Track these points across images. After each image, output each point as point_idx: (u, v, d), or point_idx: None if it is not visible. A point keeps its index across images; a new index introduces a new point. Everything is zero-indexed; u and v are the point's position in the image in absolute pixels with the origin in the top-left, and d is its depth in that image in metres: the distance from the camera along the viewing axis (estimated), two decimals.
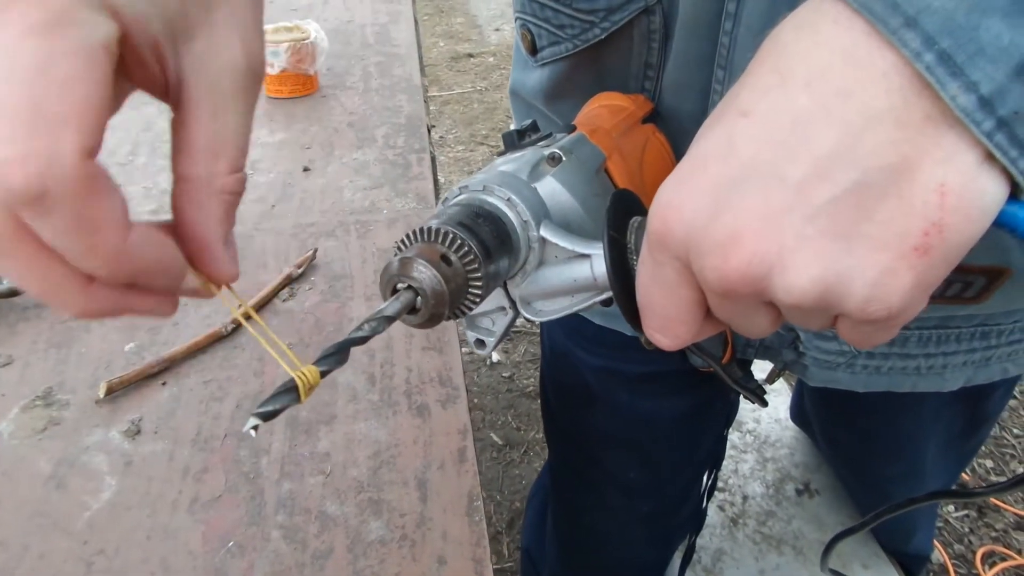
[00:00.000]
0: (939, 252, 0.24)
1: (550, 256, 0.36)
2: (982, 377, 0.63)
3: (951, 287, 0.51)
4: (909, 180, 0.24)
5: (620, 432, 0.84)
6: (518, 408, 1.87)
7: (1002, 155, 0.23)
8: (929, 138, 0.23)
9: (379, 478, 0.60)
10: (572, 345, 0.80)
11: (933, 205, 0.23)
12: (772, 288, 0.26)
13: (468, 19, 4.45)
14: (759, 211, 0.25)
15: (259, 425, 0.26)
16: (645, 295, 0.31)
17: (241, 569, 0.54)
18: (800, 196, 0.25)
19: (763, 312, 0.28)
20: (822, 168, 0.24)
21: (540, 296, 0.38)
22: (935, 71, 0.23)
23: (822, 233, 0.24)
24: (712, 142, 0.27)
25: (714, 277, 0.26)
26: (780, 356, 0.64)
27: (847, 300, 0.25)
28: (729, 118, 0.27)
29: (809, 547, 1.25)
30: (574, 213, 0.38)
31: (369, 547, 0.55)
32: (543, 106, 0.62)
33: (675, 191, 0.28)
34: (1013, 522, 1.57)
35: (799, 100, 0.25)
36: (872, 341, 0.27)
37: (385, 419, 0.65)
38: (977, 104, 0.23)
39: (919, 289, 0.24)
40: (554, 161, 0.39)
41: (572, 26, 0.52)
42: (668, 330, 0.31)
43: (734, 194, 0.26)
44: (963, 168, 0.23)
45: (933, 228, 0.23)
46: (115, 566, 0.54)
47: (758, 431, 1.47)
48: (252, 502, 0.58)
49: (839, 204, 0.24)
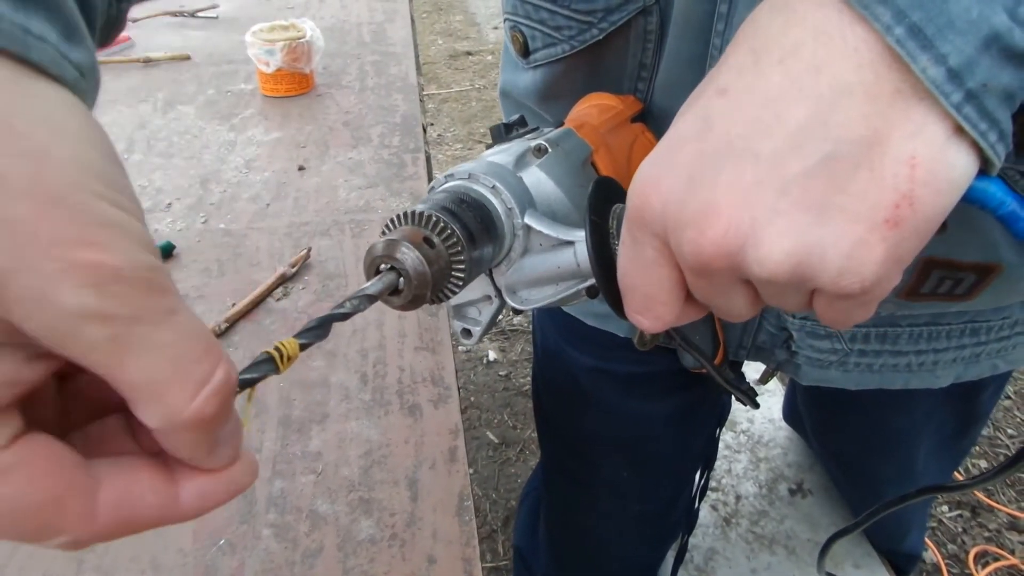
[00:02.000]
0: (910, 224, 0.24)
1: (535, 244, 0.37)
2: (972, 373, 0.64)
3: (942, 284, 0.51)
4: (880, 153, 0.24)
5: (612, 432, 0.85)
6: (514, 407, 1.87)
7: (971, 128, 0.23)
8: (899, 111, 0.24)
9: (370, 477, 0.60)
10: (564, 345, 0.81)
11: (903, 177, 0.24)
12: (746, 262, 0.26)
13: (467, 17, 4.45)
14: (734, 185, 0.25)
15: (236, 393, 0.26)
16: (626, 276, 0.31)
17: (231, 567, 0.54)
18: (773, 170, 0.25)
19: (741, 291, 0.29)
20: (794, 142, 0.25)
21: (525, 284, 0.38)
22: (905, 44, 0.23)
23: (795, 206, 0.25)
24: (690, 121, 0.28)
25: (690, 251, 0.27)
26: (773, 356, 0.65)
27: (820, 273, 0.25)
28: (706, 97, 0.28)
29: (801, 547, 1.26)
30: (559, 203, 0.38)
31: (359, 546, 0.56)
32: (536, 106, 0.62)
33: (653, 168, 0.28)
34: (1006, 522, 1.57)
35: (773, 77, 0.26)
36: (849, 318, 0.28)
37: (377, 418, 0.65)
38: (946, 76, 0.23)
39: (891, 261, 0.25)
40: (540, 152, 0.40)
41: (569, 27, 0.52)
42: (649, 311, 0.31)
43: (710, 170, 0.26)
44: (933, 141, 0.24)
45: (904, 200, 0.24)
46: (105, 563, 0.54)
47: (751, 431, 1.48)
48: (243, 500, 0.58)
49: (811, 177, 0.25)
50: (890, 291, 0.26)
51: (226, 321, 0.73)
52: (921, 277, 0.51)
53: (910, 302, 0.54)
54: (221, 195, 0.94)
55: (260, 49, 1.13)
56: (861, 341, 0.59)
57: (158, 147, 1.04)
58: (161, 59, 1.30)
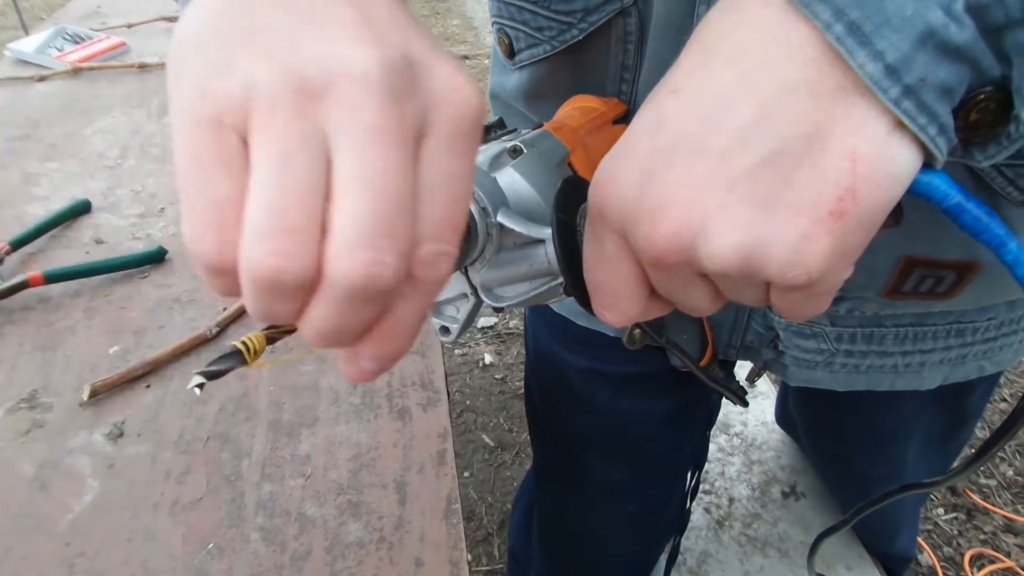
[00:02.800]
0: (854, 217, 0.25)
1: (508, 242, 0.37)
2: (959, 375, 0.64)
3: (924, 282, 0.52)
4: (822, 148, 0.25)
5: (604, 433, 0.85)
6: (510, 410, 1.88)
7: (910, 122, 0.24)
8: (841, 107, 0.24)
9: (359, 480, 0.61)
10: (556, 346, 0.81)
11: (845, 172, 0.24)
12: (698, 256, 0.27)
13: (464, 21, 4.46)
14: (684, 181, 0.26)
15: (204, 384, 0.26)
16: (590, 272, 0.32)
17: (221, 570, 0.55)
18: (722, 165, 0.26)
19: (699, 284, 0.29)
20: (742, 138, 0.25)
21: (500, 282, 0.39)
22: (844, 41, 0.24)
23: (743, 200, 0.25)
24: (644, 119, 0.29)
25: (645, 246, 0.27)
26: (760, 356, 0.65)
27: (768, 266, 0.26)
28: (660, 96, 0.29)
29: (794, 549, 1.26)
30: (534, 203, 0.39)
31: (347, 549, 0.56)
32: (523, 107, 0.62)
33: (611, 166, 0.29)
34: (1002, 525, 1.57)
35: (723, 76, 0.26)
36: (802, 310, 0.28)
37: (366, 422, 0.66)
38: (884, 72, 0.24)
39: (837, 255, 0.25)
40: (515, 153, 0.40)
41: (550, 28, 0.53)
42: (614, 306, 0.32)
43: (662, 166, 0.27)
44: (873, 136, 0.24)
45: (847, 194, 0.24)
46: (96, 567, 0.55)
47: (745, 434, 1.48)
48: (232, 504, 0.59)
49: (758, 172, 0.25)
50: (841, 284, 0.27)
51: (217, 325, 0.73)
52: (902, 276, 0.51)
53: (893, 301, 0.54)
54: None
55: None
56: (847, 342, 0.60)
57: (152, 152, 1.05)
58: (156, 65, 1.31)
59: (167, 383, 0.69)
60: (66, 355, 0.72)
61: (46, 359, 0.71)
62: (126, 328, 0.75)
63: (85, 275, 0.80)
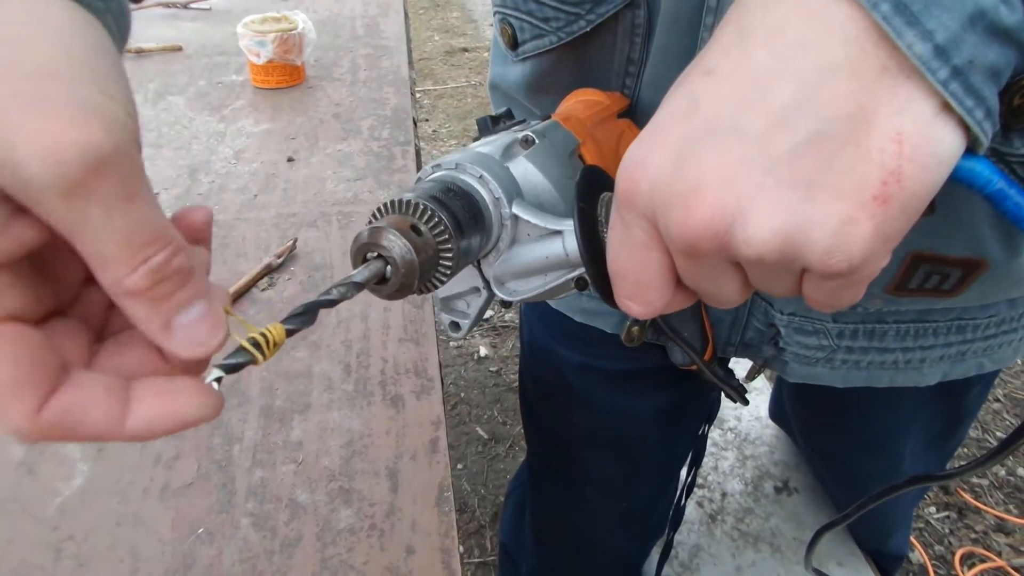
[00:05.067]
0: (898, 201, 0.24)
1: (523, 234, 0.37)
2: (958, 372, 0.64)
3: (929, 279, 0.52)
4: (866, 129, 0.24)
5: (599, 429, 0.85)
6: (505, 403, 1.87)
7: (957, 104, 0.23)
8: (886, 88, 0.24)
9: (351, 467, 0.60)
10: (552, 342, 0.81)
11: (891, 154, 0.24)
12: (734, 241, 0.26)
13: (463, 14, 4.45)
14: (720, 164, 0.25)
15: (222, 377, 0.26)
16: (615, 261, 0.31)
17: (210, 556, 0.54)
18: (759, 147, 0.25)
19: (730, 274, 0.28)
20: (780, 120, 0.25)
21: (514, 275, 0.38)
22: (891, 20, 0.23)
23: (782, 183, 0.25)
24: (677, 102, 0.28)
25: (678, 232, 0.26)
26: (760, 353, 0.65)
27: (808, 251, 0.25)
28: (693, 78, 0.28)
29: (786, 545, 1.26)
30: (547, 194, 0.38)
31: (338, 535, 0.56)
32: (524, 100, 0.62)
33: (641, 150, 0.28)
34: (993, 524, 1.57)
35: (758, 55, 0.26)
36: (838, 300, 0.27)
37: (359, 409, 0.65)
38: (933, 52, 0.23)
39: (879, 240, 0.25)
40: (527, 143, 0.39)
41: (557, 18, 0.52)
42: (639, 296, 0.31)
43: (696, 149, 0.26)
44: (920, 117, 0.24)
45: (891, 177, 0.24)
46: (83, 552, 0.54)
47: (739, 429, 1.48)
48: (223, 490, 0.58)
49: (798, 154, 0.24)
50: (879, 272, 0.26)
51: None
52: (908, 272, 0.51)
53: (898, 297, 0.54)
54: (209, 185, 0.94)
55: (251, 40, 1.13)
56: (848, 338, 0.60)
57: (148, 137, 1.04)
58: (153, 50, 1.30)
59: None
60: None
61: None
62: None
63: None
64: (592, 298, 0.69)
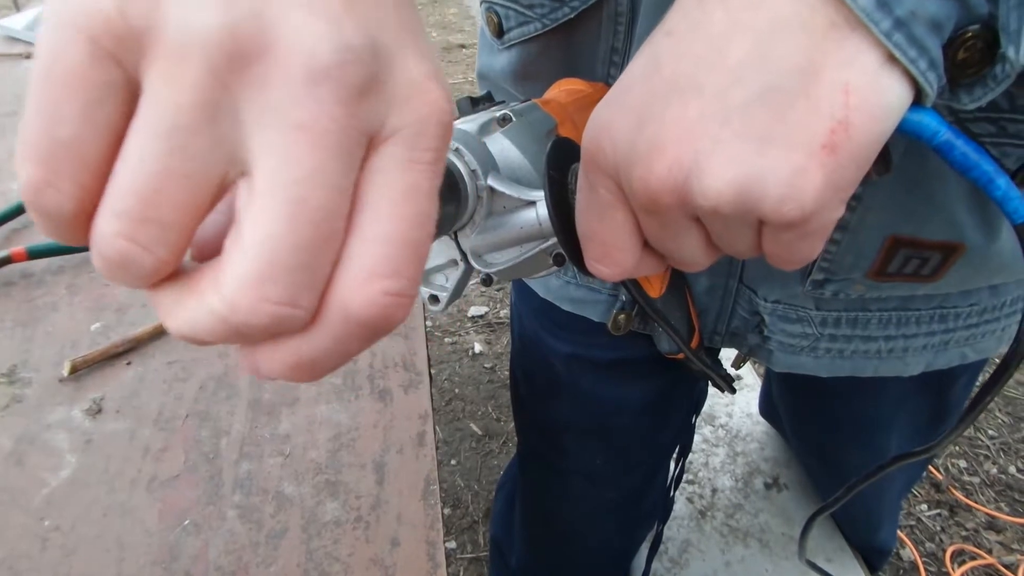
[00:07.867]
0: (846, 150, 0.25)
1: (498, 206, 0.37)
2: (942, 362, 0.64)
3: (908, 263, 0.52)
4: (815, 82, 0.25)
5: (586, 419, 0.85)
6: (499, 399, 1.88)
7: (901, 54, 0.25)
8: (833, 42, 0.25)
9: (338, 460, 0.61)
10: (540, 332, 0.81)
11: (839, 104, 0.25)
12: (692, 194, 0.27)
13: (461, 10, 4.44)
14: (679, 120, 0.27)
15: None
16: (584, 223, 0.32)
17: (196, 547, 0.54)
18: (716, 103, 0.26)
19: (692, 231, 0.30)
20: (736, 75, 0.26)
21: (490, 247, 0.39)
22: None
23: (737, 135, 0.26)
24: (640, 63, 0.29)
25: (639, 188, 0.28)
26: (746, 341, 0.65)
27: (762, 201, 0.26)
28: (654, 40, 0.29)
29: (775, 540, 1.27)
30: (523, 169, 0.39)
31: (324, 528, 0.56)
32: (511, 88, 0.62)
33: (605, 111, 0.29)
34: (984, 522, 1.58)
35: (715, 15, 0.27)
36: (795, 253, 0.28)
37: (347, 402, 0.65)
38: (875, 5, 0.24)
39: (831, 188, 0.26)
40: (504, 121, 0.40)
41: (541, 5, 0.52)
42: (607, 257, 0.32)
43: (657, 107, 0.27)
44: (865, 68, 0.25)
45: (839, 126, 0.25)
46: (70, 542, 0.54)
47: (729, 425, 1.49)
48: (210, 481, 0.59)
49: (752, 108, 0.26)
50: (833, 223, 0.27)
51: None
52: (888, 256, 0.52)
53: (879, 282, 0.55)
54: None
55: None
56: (832, 326, 0.60)
57: None
58: None
59: (148, 360, 0.69)
60: (47, 331, 0.71)
61: (27, 335, 0.71)
62: (108, 305, 0.74)
63: (69, 252, 0.80)
64: (580, 286, 0.69)
